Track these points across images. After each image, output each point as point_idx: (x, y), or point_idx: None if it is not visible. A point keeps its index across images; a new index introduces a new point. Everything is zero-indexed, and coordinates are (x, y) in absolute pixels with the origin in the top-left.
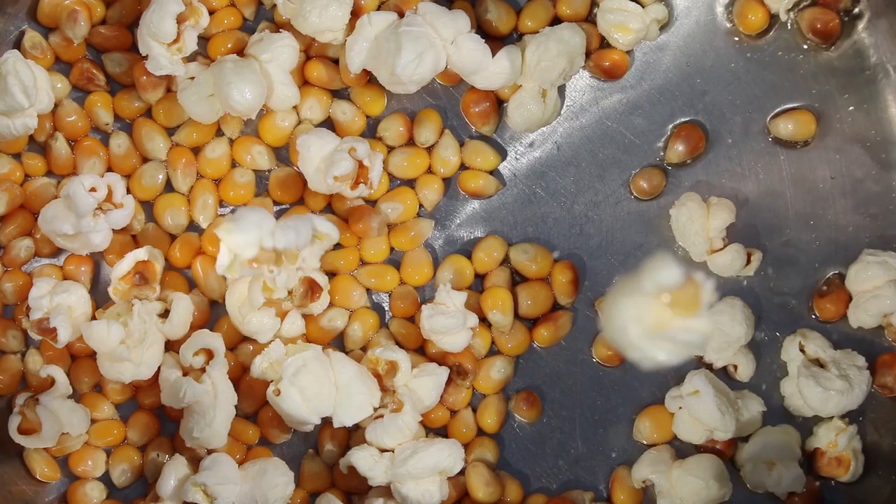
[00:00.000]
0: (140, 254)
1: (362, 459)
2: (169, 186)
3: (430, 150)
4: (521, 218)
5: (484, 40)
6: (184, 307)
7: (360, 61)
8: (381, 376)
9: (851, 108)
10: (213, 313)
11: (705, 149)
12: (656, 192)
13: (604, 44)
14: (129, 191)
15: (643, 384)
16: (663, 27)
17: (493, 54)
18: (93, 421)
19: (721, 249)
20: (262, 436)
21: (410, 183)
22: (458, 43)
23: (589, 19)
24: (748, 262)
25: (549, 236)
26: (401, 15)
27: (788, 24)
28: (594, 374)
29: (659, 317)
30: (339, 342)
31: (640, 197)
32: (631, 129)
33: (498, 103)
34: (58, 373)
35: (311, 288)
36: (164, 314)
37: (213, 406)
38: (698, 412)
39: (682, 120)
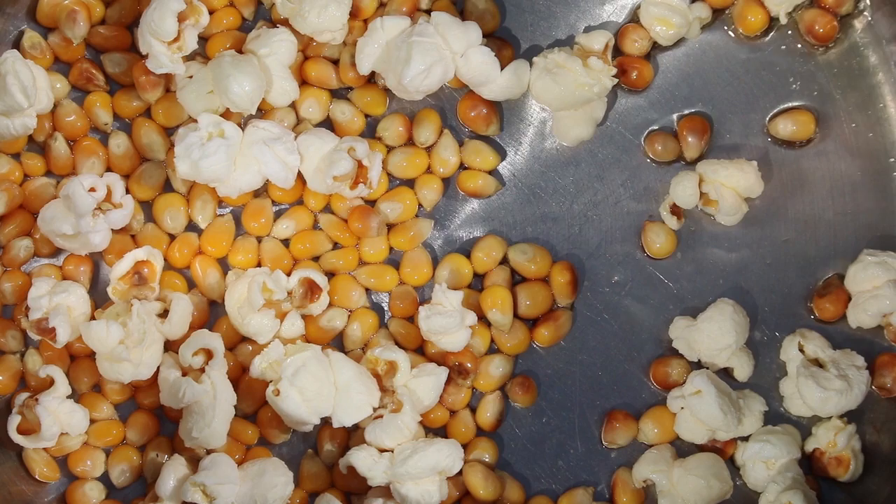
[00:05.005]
0: (139, 254)
1: (362, 459)
2: (168, 186)
3: (429, 149)
4: (520, 218)
5: (493, 53)
6: (183, 307)
7: (370, 64)
8: (381, 376)
9: (851, 108)
10: (212, 313)
11: (708, 146)
12: (671, 157)
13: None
14: (128, 191)
15: (643, 385)
16: (704, 27)
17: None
18: (92, 421)
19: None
20: (262, 436)
21: (410, 183)
22: (468, 55)
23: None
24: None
25: (549, 236)
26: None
27: (788, 28)
28: (594, 373)
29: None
30: (338, 342)
31: (655, 159)
32: (630, 128)
33: (494, 102)
34: (57, 373)
35: (311, 288)
36: (164, 314)
37: (212, 406)
38: (700, 412)
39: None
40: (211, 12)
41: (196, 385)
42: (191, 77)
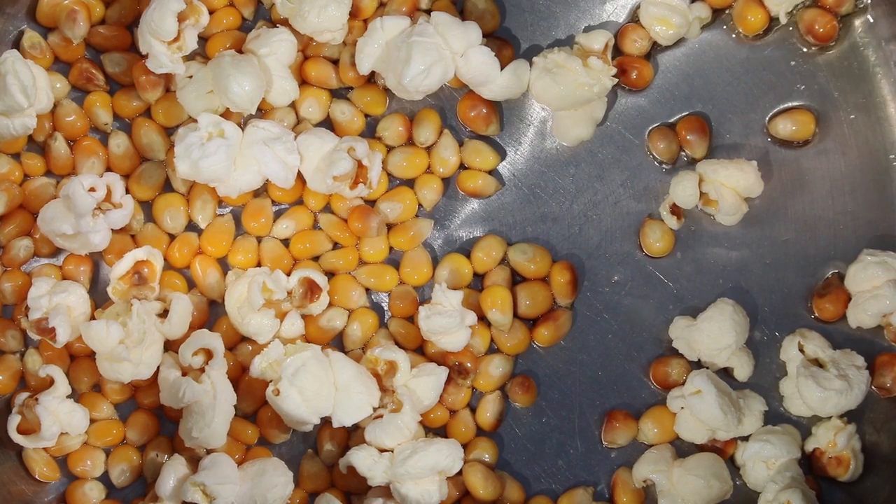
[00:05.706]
0: (139, 254)
1: (362, 459)
2: (168, 186)
3: (429, 149)
4: (520, 218)
5: (493, 53)
6: (183, 307)
7: (370, 64)
8: (381, 376)
9: (851, 107)
10: (212, 313)
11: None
12: (674, 155)
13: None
14: (128, 191)
15: (643, 384)
16: (705, 27)
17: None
18: (92, 421)
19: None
20: (262, 436)
21: (410, 183)
22: (467, 55)
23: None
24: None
25: (548, 236)
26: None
27: (789, 27)
28: (594, 374)
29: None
30: (338, 342)
31: (657, 157)
32: (630, 128)
33: (494, 102)
34: (57, 373)
35: (311, 288)
36: (164, 314)
37: (212, 406)
38: (700, 412)
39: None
40: (211, 12)
41: (196, 385)
42: (191, 77)
